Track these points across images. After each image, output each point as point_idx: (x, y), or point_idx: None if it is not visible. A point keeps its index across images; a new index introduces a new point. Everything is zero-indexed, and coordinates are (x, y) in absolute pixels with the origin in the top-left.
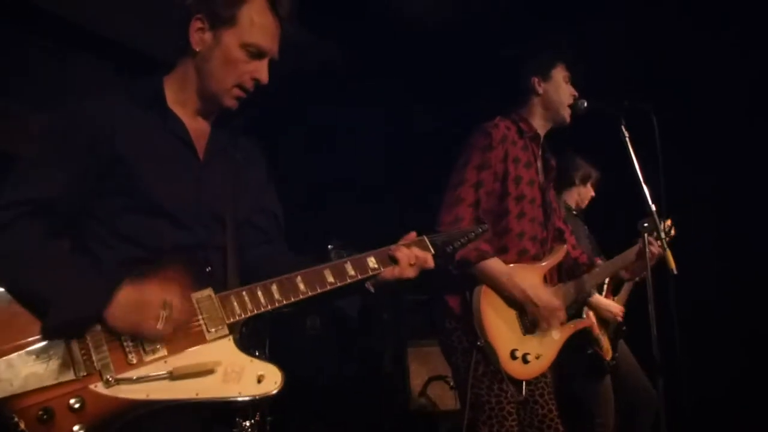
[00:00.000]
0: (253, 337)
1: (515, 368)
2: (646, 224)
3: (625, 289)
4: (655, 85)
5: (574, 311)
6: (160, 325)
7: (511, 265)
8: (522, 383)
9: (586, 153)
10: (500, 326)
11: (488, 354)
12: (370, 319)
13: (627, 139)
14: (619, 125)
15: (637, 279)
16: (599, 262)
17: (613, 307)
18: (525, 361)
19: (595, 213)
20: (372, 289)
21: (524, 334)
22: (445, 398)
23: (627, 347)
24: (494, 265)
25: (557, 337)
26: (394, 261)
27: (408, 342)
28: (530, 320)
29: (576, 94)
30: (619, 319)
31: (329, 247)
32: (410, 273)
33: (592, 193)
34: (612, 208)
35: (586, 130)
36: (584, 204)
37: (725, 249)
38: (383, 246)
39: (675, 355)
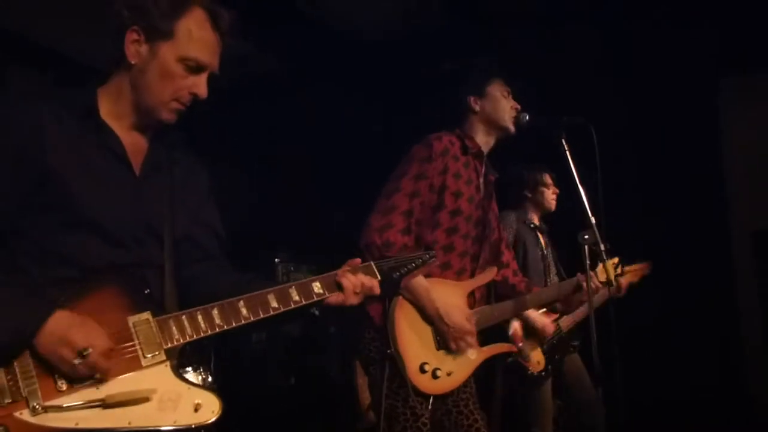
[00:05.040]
0: (197, 351)
1: (423, 382)
2: (586, 236)
3: (581, 309)
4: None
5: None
6: (74, 370)
7: (434, 278)
8: (429, 397)
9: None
10: (413, 338)
11: (397, 363)
12: (316, 332)
13: (567, 152)
14: (559, 139)
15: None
16: (535, 291)
17: (544, 322)
18: (435, 376)
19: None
20: (317, 312)
21: (438, 349)
22: None
23: (581, 363)
24: (413, 278)
25: (473, 357)
26: (339, 288)
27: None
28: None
29: (518, 107)
30: (548, 335)
31: (276, 260)
32: (355, 300)
33: (555, 190)
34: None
35: (531, 143)
36: (552, 205)
37: (663, 260)
38: (330, 256)
39: (614, 367)
